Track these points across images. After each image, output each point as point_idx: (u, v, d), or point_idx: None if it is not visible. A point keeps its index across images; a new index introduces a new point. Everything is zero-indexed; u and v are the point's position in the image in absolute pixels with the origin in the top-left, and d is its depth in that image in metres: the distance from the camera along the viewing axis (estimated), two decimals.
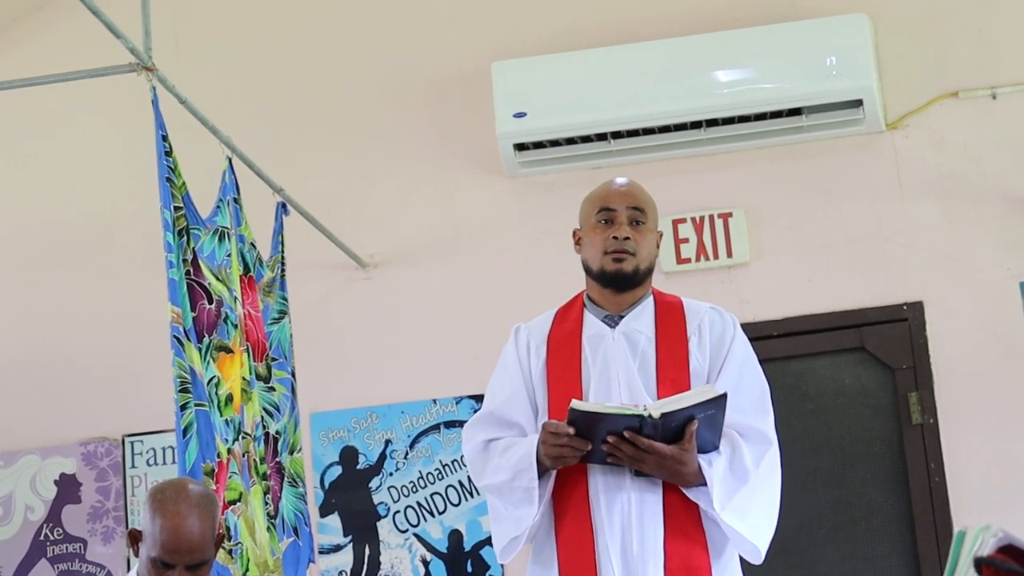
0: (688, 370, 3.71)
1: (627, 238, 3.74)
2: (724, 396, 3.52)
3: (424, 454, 6.24)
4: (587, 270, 3.82)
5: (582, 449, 3.52)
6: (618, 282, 3.77)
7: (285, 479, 5.09)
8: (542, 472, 3.60)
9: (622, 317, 3.78)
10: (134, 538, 3.69)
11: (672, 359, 3.72)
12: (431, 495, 6.20)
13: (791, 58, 5.95)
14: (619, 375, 3.69)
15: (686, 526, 3.61)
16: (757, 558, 3.68)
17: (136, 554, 3.68)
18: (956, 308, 5.99)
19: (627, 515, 3.59)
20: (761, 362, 3.77)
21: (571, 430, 3.50)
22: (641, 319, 3.77)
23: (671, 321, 3.78)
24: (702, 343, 3.75)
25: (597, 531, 3.58)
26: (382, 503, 6.24)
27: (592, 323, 3.78)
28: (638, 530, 3.57)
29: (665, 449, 3.51)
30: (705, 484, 3.57)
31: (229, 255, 4.78)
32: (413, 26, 6.54)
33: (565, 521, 3.63)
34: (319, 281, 6.34)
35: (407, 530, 6.22)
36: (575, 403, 3.50)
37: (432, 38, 6.52)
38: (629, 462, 3.55)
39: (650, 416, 3.46)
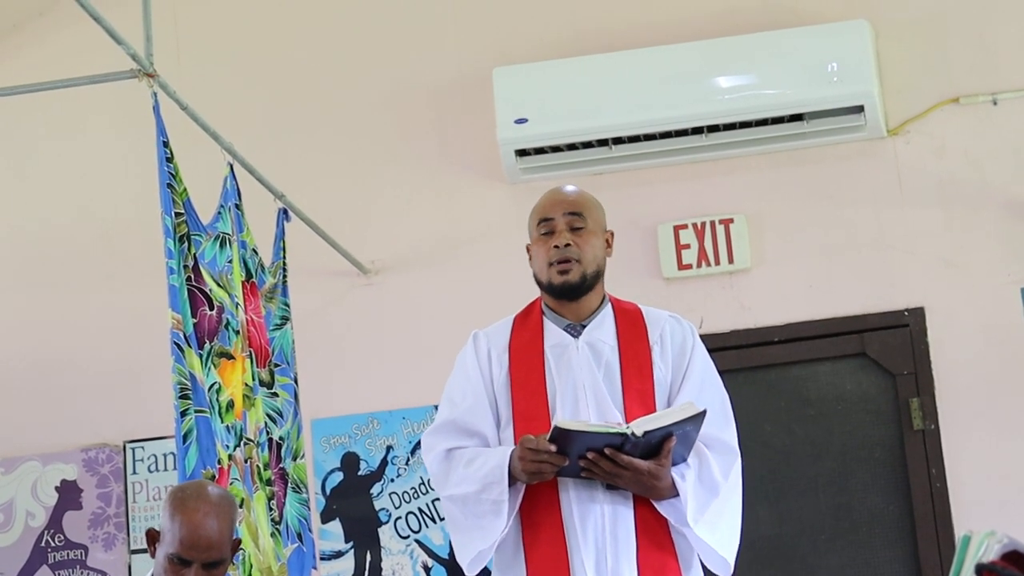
0: (652, 380, 3.70)
1: (568, 245, 3.73)
2: (703, 413, 3.53)
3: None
4: (538, 283, 3.81)
5: (560, 465, 3.52)
6: (568, 293, 3.75)
7: (289, 485, 5.08)
8: (511, 484, 3.58)
9: (584, 326, 3.76)
10: (152, 538, 3.74)
11: (636, 370, 3.71)
12: (432, 501, 6.20)
13: (792, 64, 5.95)
14: (585, 386, 3.67)
15: (658, 538, 3.61)
16: (726, 571, 3.68)
17: (153, 555, 3.71)
18: (957, 314, 5.99)
19: (600, 528, 3.58)
20: (762, 368, 3.78)
21: (552, 447, 3.48)
22: (603, 328, 3.76)
23: (633, 331, 3.76)
24: (664, 353, 3.75)
25: (571, 544, 3.57)
26: (383, 509, 6.24)
27: (554, 332, 3.76)
28: (612, 543, 3.57)
29: (643, 465, 3.51)
30: (676, 496, 3.57)
31: (230, 261, 4.78)
32: (414, 32, 6.55)
33: (536, 534, 3.61)
34: (320, 287, 6.34)
35: (408, 536, 6.21)
36: (559, 421, 3.49)
37: (433, 44, 6.52)
38: (605, 477, 3.54)
39: (633, 434, 3.46)
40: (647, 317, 3.80)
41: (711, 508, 3.60)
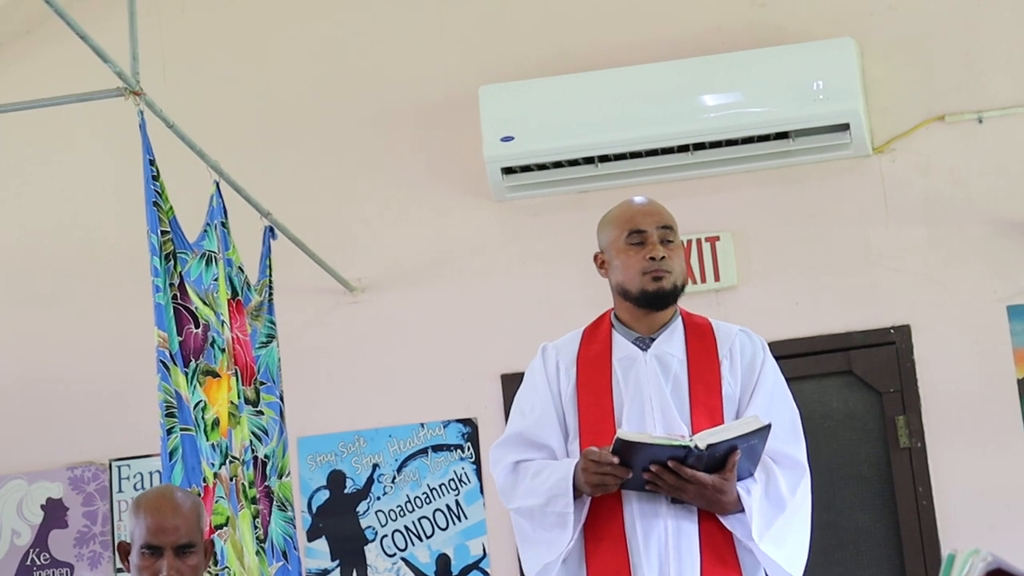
0: (720, 395, 3.69)
1: (663, 258, 3.73)
2: (768, 427, 3.52)
3: (412, 478, 6.23)
4: (623, 293, 3.77)
5: (623, 477, 3.52)
6: (658, 301, 3.74)
7: (274, 503, 5.08)
8: (576, 497, 3.59)
9: (653, 339, 3.75)
10: (124, 552, 3.73)
11: (704, 384, 3.70)
12: (419, 519, 6.19)
13: (778, 82, 5.96)
14: (652, 399, 3.67)
15: (722, 554, 3.59)
16: None
17: (128, 569, 3.70)
18: (943, 331, 5.99)
19: (664, 543, 3.57)
20: None
21: (615, 459, 3.48)
22: (672, 341, 3.75)
23: (702, 344, 3.76)
24: (733, 367, 3.74)
25: (633, 559, 3.57)
26: (370, 527, 6.23)
27: (622, 345, 3.75)
28: (675, 558, 3.56)
29: (707, 479, 3.50)
30: (742, 511, 3.56)
31: (216, 279, 4.78)
32: (401, 50, 6.55)
33: (600, 548, 3.60)
34: (307, 305, 6.34)
35: (395, 554, 6.20)
36: (622, 433, 3.48)
37: (420, 62, 6.53)
38: (669, 491, 3.54)
39: (696, 447, 3.46)
40: (717, 331, 3.80)
41: (777, 524, 3.59)
